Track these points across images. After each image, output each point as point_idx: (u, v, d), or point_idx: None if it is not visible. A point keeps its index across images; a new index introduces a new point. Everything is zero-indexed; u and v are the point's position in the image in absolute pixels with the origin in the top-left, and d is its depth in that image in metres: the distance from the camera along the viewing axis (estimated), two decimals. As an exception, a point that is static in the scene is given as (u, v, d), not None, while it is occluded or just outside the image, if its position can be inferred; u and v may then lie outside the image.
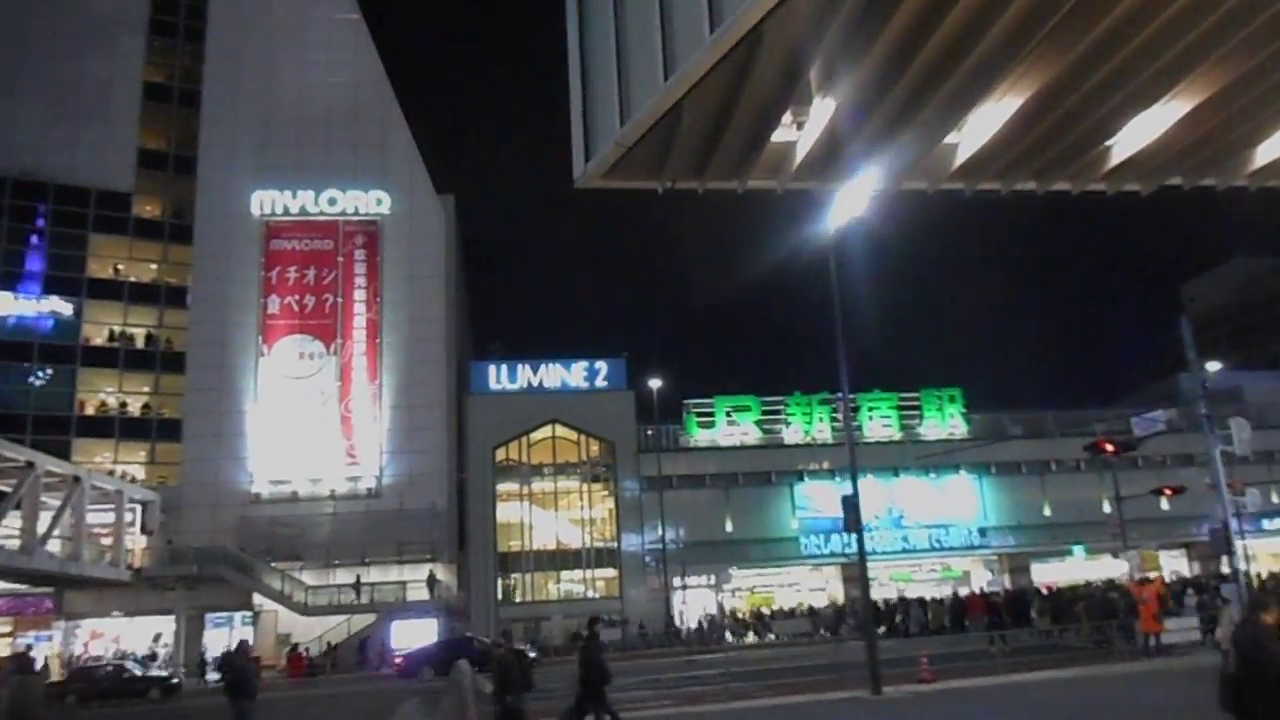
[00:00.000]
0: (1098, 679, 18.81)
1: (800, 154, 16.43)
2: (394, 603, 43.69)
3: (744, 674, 21.86)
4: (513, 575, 46.31)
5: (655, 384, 43.77)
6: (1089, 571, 44.86)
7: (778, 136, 15.93)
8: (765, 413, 48.92)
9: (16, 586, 40.33)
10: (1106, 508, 45.75)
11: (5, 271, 48.71)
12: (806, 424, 48.82)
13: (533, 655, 32.55)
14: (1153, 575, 30.15)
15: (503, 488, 46.85)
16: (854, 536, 45.76)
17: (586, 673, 13.38)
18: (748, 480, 47.43)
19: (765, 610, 45.25)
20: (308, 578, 45.01)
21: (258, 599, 43.60)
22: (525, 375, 47.66)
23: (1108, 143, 17.05)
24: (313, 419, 48.22)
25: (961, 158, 16.95)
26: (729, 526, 46.51)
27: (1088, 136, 16.62)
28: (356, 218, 51.11)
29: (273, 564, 44.49)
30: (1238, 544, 33.67)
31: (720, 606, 45.04)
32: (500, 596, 45.14)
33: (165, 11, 53.66)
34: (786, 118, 15.58)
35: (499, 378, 47.61)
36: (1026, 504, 47.85)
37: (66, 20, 51.49)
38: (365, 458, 48.37)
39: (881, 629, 42.39)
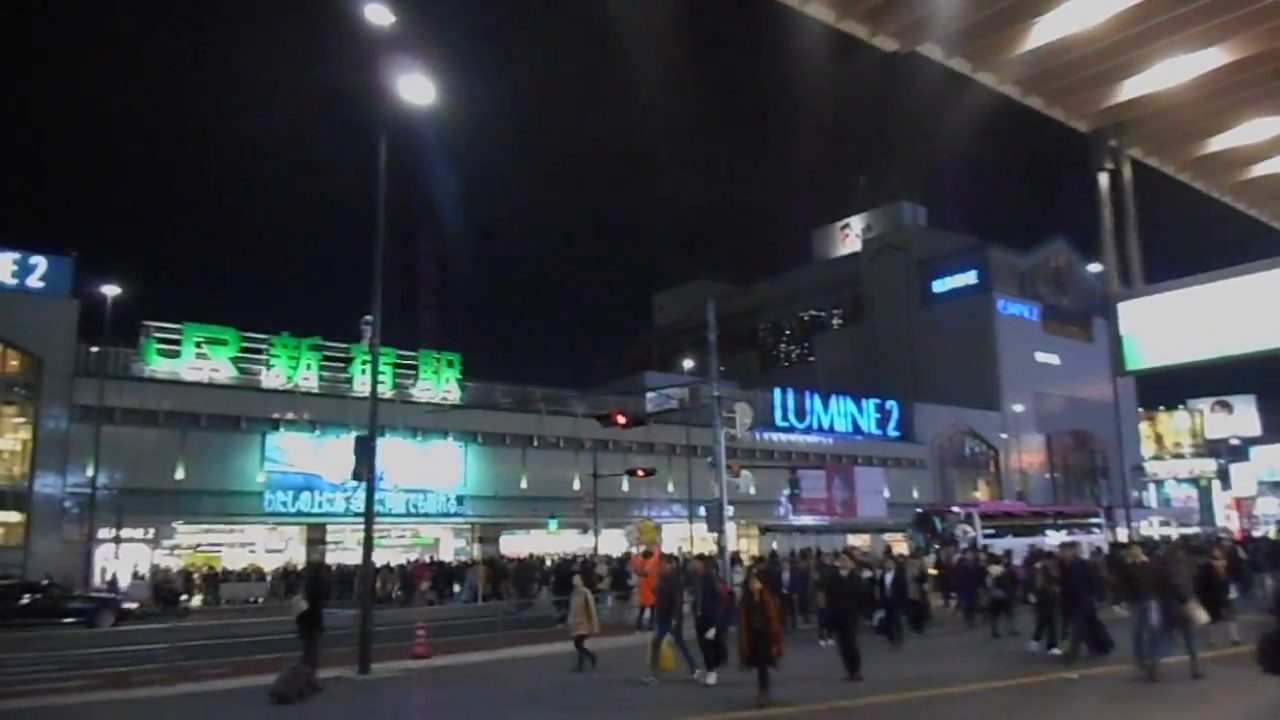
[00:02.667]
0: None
1: None
2: None
3: (198, 648, 17.47)
4: None
5: (110, 291, 35.67)
6: (556, 545, 46.16)
7: None
8: (245, 350, 43.17)
9: None
10: (577, 485, 47.78)
11: None
12: (291, 369, 44.04)
13: None
14: (643, 549, 30.84)
15: None
16: (324, 497, 42.58)
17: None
18: (212, 423, 41.34)
19: (216, 570, 39.63)
20: None
21: None
22: (-77, 257, 36.54)
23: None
24: None
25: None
26: (180, 474, 40.09)
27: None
28: None
29: None
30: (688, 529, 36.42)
31: (155, 566, 38.48)
32: None
33: None
34: None
35: (-119, 254, 35.93)
36: (506, 476, 48.12)
37: None
38: None
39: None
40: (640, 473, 37.02)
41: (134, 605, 29.86)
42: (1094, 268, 57.81)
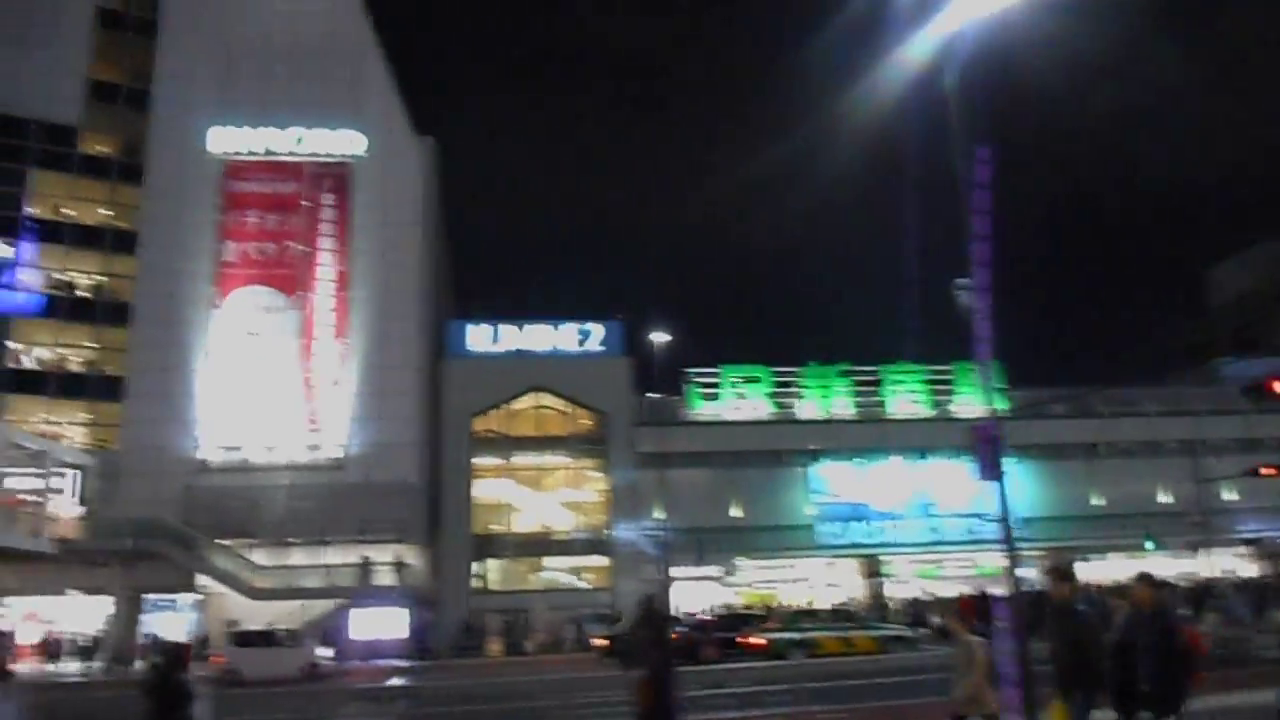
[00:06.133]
0: None
1: None
2: (355, 588, 38.50)
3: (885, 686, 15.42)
4: (490, 561, 41.17)
5: (659, 338, 38.35)
6: (1149, 569, 39.41)
7: None
8: (777, 385, 43.70)
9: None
10: (1162, 497, 40.72)
11: (-70, 207, 43.48)
12: (823, 398, 43.57)
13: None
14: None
15: (481, 462, 41.66)
16: (874, 526, 40.81)
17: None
18: (756, 459, 42.19)
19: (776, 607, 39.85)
20: (259, 557, 39.78)
21: (202, 580, 38.42)
22: (509, 337, 42.41)
23: None
24: (270, 379, 42.78)
25: None
26: (735, 511, 41.30)
27: None
28: (325, 158, 45.55)
29: (220, 541, 39.32)
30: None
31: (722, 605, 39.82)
32: (475, 584, 40.08)
33: (121, -71, 48.16)
34: None
35: (479, 339, 42.36)
36: (1068, 493, 42.51)
37: (9, -66, 46.03)
38: (328, 424, 42.90)
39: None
40: (1272, 471, 29.38)
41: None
42: None
